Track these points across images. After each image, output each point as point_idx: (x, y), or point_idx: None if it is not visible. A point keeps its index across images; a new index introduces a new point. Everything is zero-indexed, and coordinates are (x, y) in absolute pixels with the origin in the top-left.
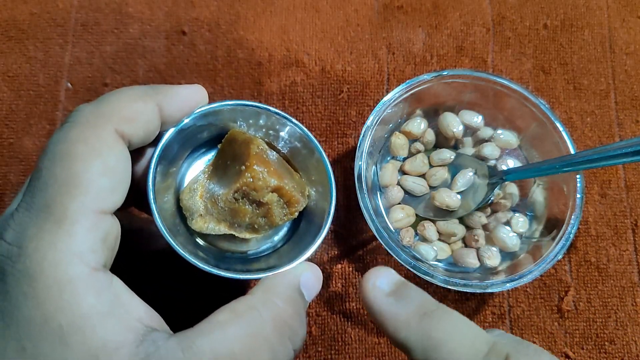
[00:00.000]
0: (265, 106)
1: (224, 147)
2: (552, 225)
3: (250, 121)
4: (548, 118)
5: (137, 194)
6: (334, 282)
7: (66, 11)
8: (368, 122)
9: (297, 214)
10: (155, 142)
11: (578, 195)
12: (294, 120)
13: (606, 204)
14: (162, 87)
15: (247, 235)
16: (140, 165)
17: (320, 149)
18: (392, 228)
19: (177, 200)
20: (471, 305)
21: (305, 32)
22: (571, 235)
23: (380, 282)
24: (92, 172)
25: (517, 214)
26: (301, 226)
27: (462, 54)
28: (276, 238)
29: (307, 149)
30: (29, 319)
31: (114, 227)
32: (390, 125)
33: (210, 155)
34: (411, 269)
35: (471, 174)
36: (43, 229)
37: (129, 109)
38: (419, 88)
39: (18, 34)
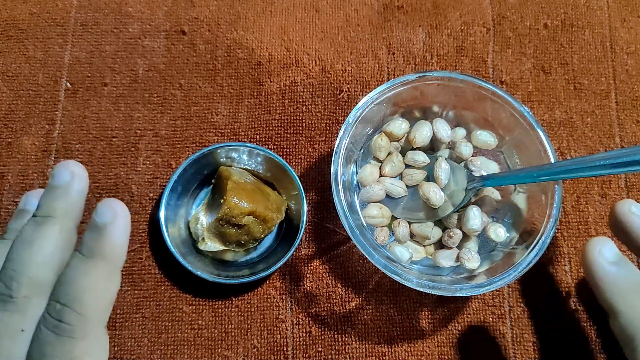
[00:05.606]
0: (238, 143)
1: (216, 182)
2: (529, 234)
3: (234, 156)
4: (531, 125)
5: None
6: (339, 281)
7: (66, 11)
8: (349, 119)
9: (274, 227)
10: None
11: (555, 205)
12: (264, 149)
13: (606, 204)
14: None
15: (239, 249)
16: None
17: (289, 167)
18: (364, 223)
19: (188, 227)
20: (472, 305)
21: (305, 32)
22: (545, 245)
23: (606, 251)
24: None
25: (496, 224)
26: (287, 229)
27: (462, 54)
28: (270, 241)
29: (281, 170)
30: None
31: None
32: (371, 126)
33: (210, 189)
34: (382, 269)
35: (447, 166)
36: None
37: None
38: (402, 88)
39: (17, 34)
